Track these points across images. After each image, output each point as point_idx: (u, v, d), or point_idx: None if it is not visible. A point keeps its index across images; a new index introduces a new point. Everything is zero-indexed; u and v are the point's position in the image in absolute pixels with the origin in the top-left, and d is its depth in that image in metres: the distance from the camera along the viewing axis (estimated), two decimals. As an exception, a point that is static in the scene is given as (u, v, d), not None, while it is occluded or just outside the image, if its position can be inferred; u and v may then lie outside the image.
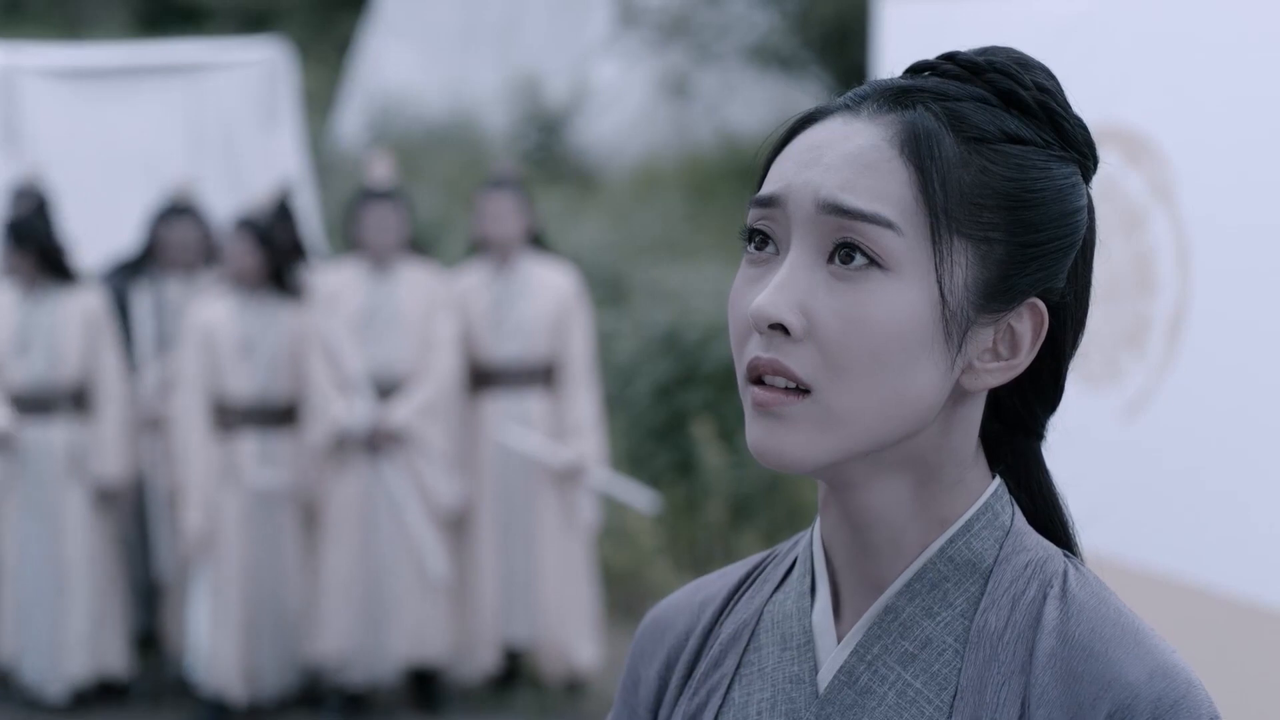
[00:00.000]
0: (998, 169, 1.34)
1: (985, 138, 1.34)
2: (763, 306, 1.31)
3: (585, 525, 7.12)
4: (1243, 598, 3.30)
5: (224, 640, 6.86)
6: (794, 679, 1.42)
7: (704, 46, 16.02)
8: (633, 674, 1.56)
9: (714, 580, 1.56)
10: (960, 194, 1.32)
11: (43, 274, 7.13)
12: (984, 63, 1.38)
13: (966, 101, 1.36)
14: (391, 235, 7.04)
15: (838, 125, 1.36)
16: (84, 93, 9.89)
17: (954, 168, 1.32)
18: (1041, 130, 1.37)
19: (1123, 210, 3.54)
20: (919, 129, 1.33)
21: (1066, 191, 1.37)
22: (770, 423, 1.33)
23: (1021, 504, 1.46)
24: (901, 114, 1.34)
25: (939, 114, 1.34)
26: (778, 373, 1.32)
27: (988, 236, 1.33)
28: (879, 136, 1.34)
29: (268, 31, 17.60)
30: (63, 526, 7.05)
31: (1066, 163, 1.38)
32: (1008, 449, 1.45)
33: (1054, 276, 1.37)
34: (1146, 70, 3.53)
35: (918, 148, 1.32)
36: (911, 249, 1.31)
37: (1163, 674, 1.31)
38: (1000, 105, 1.37)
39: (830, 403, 1.32)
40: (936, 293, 1.31)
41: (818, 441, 1.33)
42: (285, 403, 6.95)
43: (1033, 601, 1.37)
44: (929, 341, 1.32)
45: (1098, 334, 3.56)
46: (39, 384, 7.05)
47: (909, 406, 1.33)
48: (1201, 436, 3.38)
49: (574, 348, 7.04)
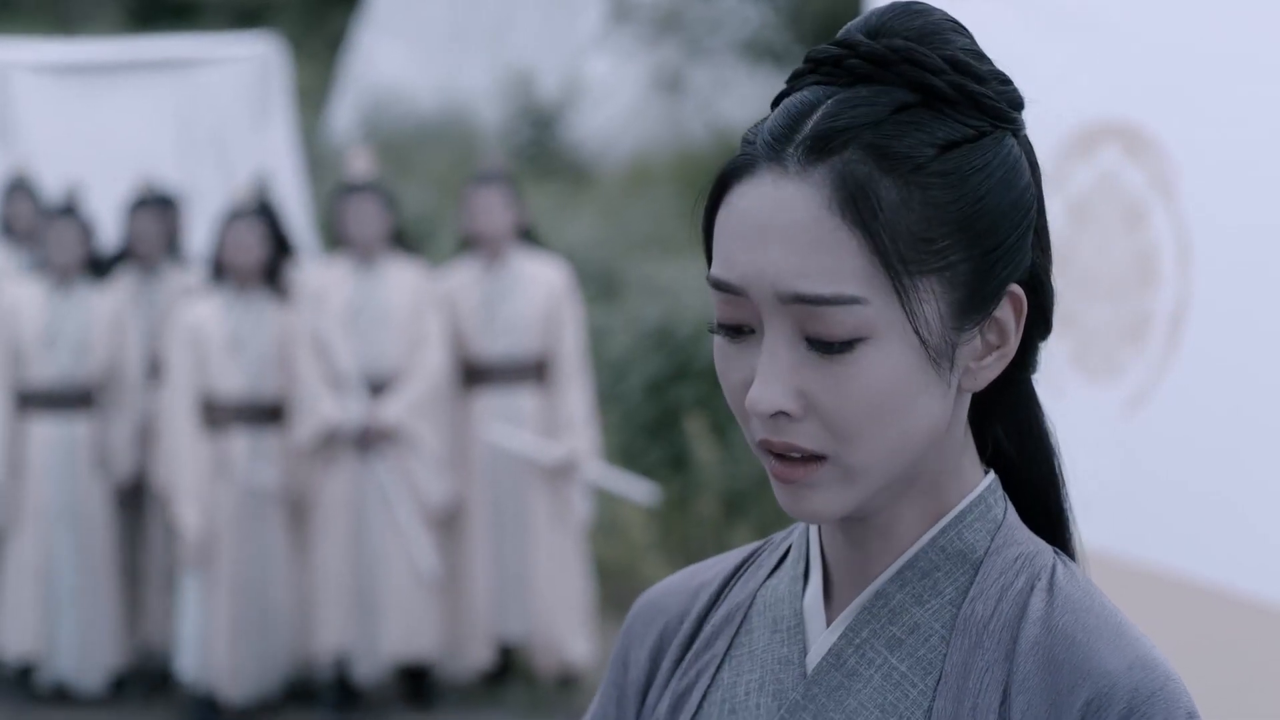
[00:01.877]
0: (940, 194, 1.31)
1: (919, 165, 1.31)
2: (759, 402, 1.32)
3: (577, 521, 7.11)
4: (1243, 594, 3.30)
5: (215, 639, 6.85)
6: (783, 660, 1.43)
7: (696, 41, 16.02)
8: (623, 656, 1.57)
9: (710, 566, 1.57)
10: (910, 238, 1.30)
11: (79, 270, 7.17)
12: (887, 53, 1.33)
13: (886, 123, 1.31)
14: (373, 228, 7.02)
15: (768, 189, 1.32)
16: (76, 88, 9.88)
17: (899, 214, 1.30)
18: (965, 117, 1.34)
19: (1123, 206, 3.53)
20: (851, 185, 1.30)
21: (1009, 176, 1.35)
22: (797, 490, 1.35)
23: (1013, 456, 1.46)
24: (830, 165, 1.30)
25: (866, 155, 1.30)
26: (792, 450, 1.34)
27: (948, 263, 1.32)
28: (815, 203, 1.30)
29: (259, 27, 17.58)
30: (90, 522, 7.10)
31: (999, 139, 1.35)
32: (1000, 391, 1.43)
33: (1021, 264, 1.36)
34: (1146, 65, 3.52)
35: (858, 209, 1.29)
36: (881, 310, 1.30)
37: (1141, 665, 1.33)
38: (920, 103, 1.33)
39: (847, 462, 1.34)
40: (916, 339, 1.31)
41: (845, 494, 1.35)
42: (274, 400, 6.95)
43: (1020, 592, 1.38)
44: (923, 380, 1.33)
45: (1098, 329, 3.55)
46: (63, 379, 7.08)
47: (920, 437, 1.35)
48: (1203, 432, 3.37)
49: (565, 343, 7.03)
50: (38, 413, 7.11)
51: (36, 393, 7.12)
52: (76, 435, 7.11)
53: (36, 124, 9.67)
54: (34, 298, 7.15)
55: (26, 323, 7.12)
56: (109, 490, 7.18)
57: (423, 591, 6.92)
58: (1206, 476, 3.37)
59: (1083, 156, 3.61)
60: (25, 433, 7.13)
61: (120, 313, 7.18)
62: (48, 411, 7.10)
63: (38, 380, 7.11)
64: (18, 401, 7.13)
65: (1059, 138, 3.57)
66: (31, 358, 7.10)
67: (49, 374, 7.10)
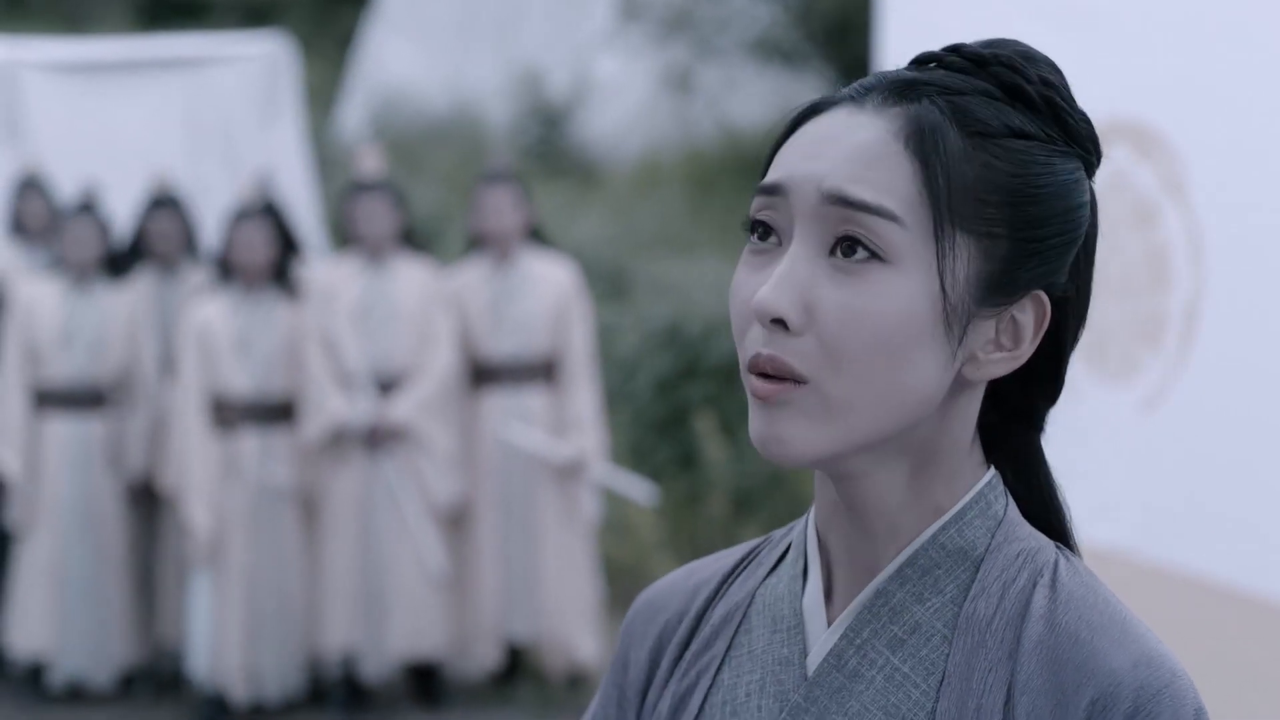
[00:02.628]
0: (1001, 164, 1.34)
1: (989, 132, 1.35)
2: (764, 300, 1.32)
3: (586, 520, 7.11)
4: (1262, 594, 3.29)
5: (226, 638, 6.85)
6: (783, 661, 1.43)
7: (705, 40, 16.01)
8: (623, 655, 1.57)
9: (708, 564, 1.57)
10: (964, 188, 1.33)
11: (97, 269, 7.18)
12: (989, 56, 1.38)
13: (971, 95, 1.36)
14: (383, 226, 7.02)
15: (842, 117, 1.36)
16: (85, 87, 9.88)
17: (958, 162, 1.33)
18: (1045, 125, 1.37)
19: (1134, 204, 3.52)
20: (923, 123, 1.33)
21: (1070, 187, 1.37)
22: (772, 413, 1.34)
23: (1019, 496, 1.46)
24: (906, 107, 1.35)
25: (943, 108, 1.34)
26: (777, 370, 1.33)
27: (990, 231, 1.34)
28: (884, 129, 1.34)
29: (269, 26, 17.58)
30: (103, 520, 7.11)
31: (1070, 158, 1.38)
32: (1006, 441, 1.46)
33: (1056, 271, 1.37)
34: (1156, 63, 3.51)
35: (922, 142, 1.33)
36: (914, 242, 1.31)
37: (1147, 663, 1.32)
38: (1004, 100, 1.37)
39: (828, 392, 1.32)
40: (938, 286, 1.32)
41: (819, 431, 1.33)
42: (284, 399, 6.94)
43: (1022, 590, 1.37)
44: (929, 334, 1.32)
45: (1113, 329, 3.55)
46: (79, 378, 7.10)
47: (909, 397, 1.34)
48: (1219, 430, 3.36)
49: (574, 343, 7.03)
50: (54, 411, 7.13)
51: (52, 391, 7.14)
52: (91, 434, 7.13)
53: (45, 123, 9.67)
54: (51, 296, 7.17)
55: (43, 321, 7.14)
56: (122, 489, 7.19)
57: (431, 590, 6.92)
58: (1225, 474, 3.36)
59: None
60: (41, 431, 7.14)
61: (136, 312, 7.19)
62: (63, 410, 7.12)
63: (54, 379, 7.13)
64: (34, 400, 7.15)
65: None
66: (48, 357, 7.11)
67: (65, 373, 7.12)
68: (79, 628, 7.14)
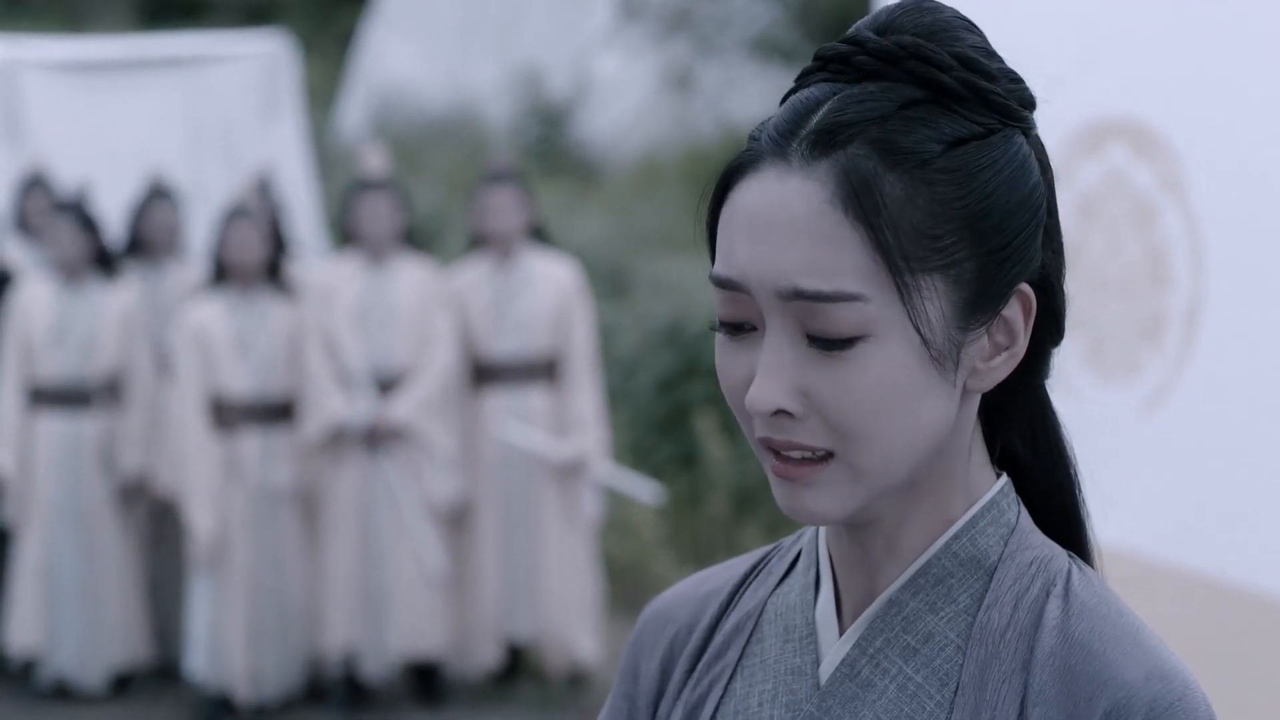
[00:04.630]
0: (945, 191, 1.29)
1: (923, 160, 1.29)
2: (760, 400, 1.30)
3: (587, 519, 7.11)
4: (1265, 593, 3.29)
5: (228, 638, 6.85)
6: (796, 671, 1.41)
7: (706, 39, 16.01)
8: (633, 666, 1.55)
9: (719, 573, 1.55)
10: (914, 235, 1.28)
11: (86, 266, 7.17)
12: (895, 50, 1.32)
13: (893, 119, 1.30)
14: (385, 225, 7.02)
15: (772, 184, 1.31)
16: (85, 86, 9.88)
17: (903, 210, 1.28)
18: (974, 114, 1.32)
19: (1133, 204, 3.52)
20: (855, 180, 1.28)
21: (1017, 174, 1.33)
22: (797, 489, 1.33)
23: (1027, 463, 1.44)
24: (834, 160, 1.29)
25: (872, 150, 1.29)
26: (795, 449, 1.32)
27: (953, 261, 1.30)
28: (818, 198, 1.28)
29: (269, 25, 17.58)
30: (93, 519, 7.10)
31: (1008, 136, 1.33)
32: (1013, 399, 1.42)
33: (1030, 264, 1.34)
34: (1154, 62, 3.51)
35: (860, 203, 1.27)
36: (883, 308, 1.28)
37: (1160, 675, 1.31)
38: (927, 98, 1.31)
39: (853, 461, 1.32)
40: (918, 339, 1.29)
41: (847, 494, 1.33)
42: (283, 399, 6.94)
43: (1035, 599, 1.36)
44: (927, 381, 1.31)
45: (1113, 329, 3.54)
46: (71, 377, 7.11)
47: (925, 437, 1.33)
48: (1222, 429, 3.36)
49: (576, 342, 7.02)
50: (46, 409, 7.13)
51: (44, 390, 7.14)
52: (83, 433, 7.12)
53: (45, 122, 9.68)
54: (44, 295, 7.17)
55: (37, 320, 7.14)
56: (114, 489, 7.17)
57: (431, 590, 6.92)
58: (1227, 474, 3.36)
59: (1090, 154, 3.60)
60: (33, 429, 7.14)
61: (130, 311, 7.19)
62: (55, 408, 7.12)
63: (46, 377, 7.13)
64: (28, 398, 7.15)
65: (1066, 134, 3.57)
66: (40, 355, 7.11)
67: (57, 371, 7.12)
68: (69, 626, 7.13)
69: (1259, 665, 3.33)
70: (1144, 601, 1.42)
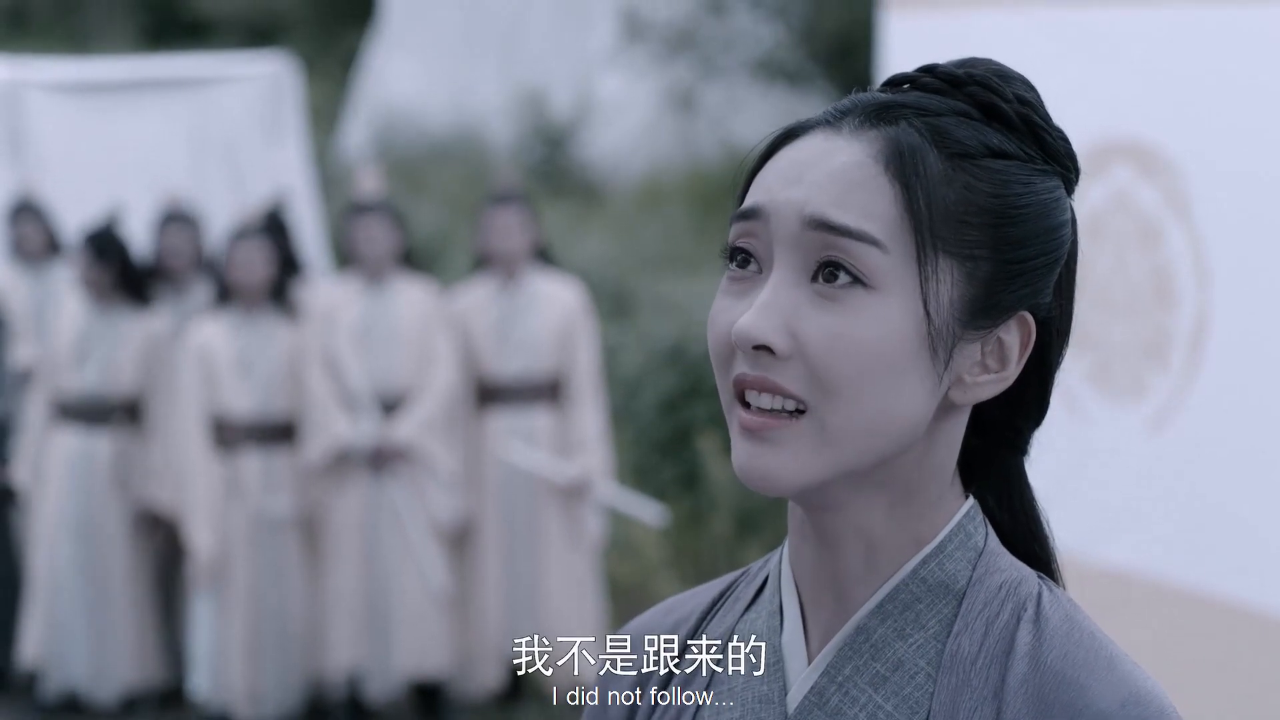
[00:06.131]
0: (982, 185, 1.33)
1: (968, 153, 1.33)
2: (747, 328, 1.31)
3: (591, 540, 7.10)
4: (1269, 610, 3.29)
5: (230, 659, 6.85)
6: (763, 699, 1.41)
7: (709, 60, 16.02)
8: (602, 694, 1.59)
9: (686, 600, 1.55)
10: (945, 211, 1.31)
11: (117, 292, 7.18)
12: (964, 75, 1.37)
13: (948, 116, 1.34)
14: (382, 247, 7.02)
15: (819, 142, 1.35)
16: (88, 106, 9.89)
17: (938, 185, 1.31)
18: (1024, 144, 1.36)
19: (1138, 224, 3.52)
20: (903, 145, 1.32)
21: (1050, 206, 1.36)
22: (758, 446, 1.32)
23: (1001, 523, 1.45)
24: (884, 130, 1.33)
25: (922, 129, 1.33)
26: (767, 389, 1.31)
27: (973, 254, 1.32)
28: (863, 153, 1.33)
29: (272, 46, 17.61)
30: (102, 536, 7.12)
31: (1049, 176, 1.37)
32: (989, 465, 1.44)
33: (1040, 292, 1.36)
34: (1159, 84, 3.52)
35: (902, 165, 1.31)
36: (896, 267, 1.30)
37: (1135, 701, 1.30)
38: (981, 119, 1.36)
39: (824, 419, 1.31)
40: (921, 311, 1.31)
41: (807, 462, 1.32)
42: (285, 420, 6.94)
43: (1006, 625, 1.36)
44: (915, 358, 1.31)
45: (1119, 349, 3.55)
46: (91, 395, 7.13)
47: (897, 423, 1.32)
48: (1227, 448, 3.37)
49: (580, 362, 7.03)
50: (64, 424, 7.17)
51: (65, 405, 7.18)
52: (98, 450, 7.14)
53: (49, 143, 9.68)
54: (75, 314, 7.22)
55: (64, 336, 7.19)
56: (127, 508, 7.19)
57: (435, 609, 6.91)
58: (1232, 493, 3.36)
59: (1096, 174, 3.60)
60: (50, 442, 7.19)
61: (158, 339, 7.19)
62: (73, 424, 7.15)
63: (68, 394, 7.17)
64: (51, 412, 7.20)
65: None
66: (65, 372, 7.16)
67: (77, 389, 7.15)
68: (74, 641, 7.14)
69: (1264, 682, 3.33)
70: (1149, 619, 1.42)
